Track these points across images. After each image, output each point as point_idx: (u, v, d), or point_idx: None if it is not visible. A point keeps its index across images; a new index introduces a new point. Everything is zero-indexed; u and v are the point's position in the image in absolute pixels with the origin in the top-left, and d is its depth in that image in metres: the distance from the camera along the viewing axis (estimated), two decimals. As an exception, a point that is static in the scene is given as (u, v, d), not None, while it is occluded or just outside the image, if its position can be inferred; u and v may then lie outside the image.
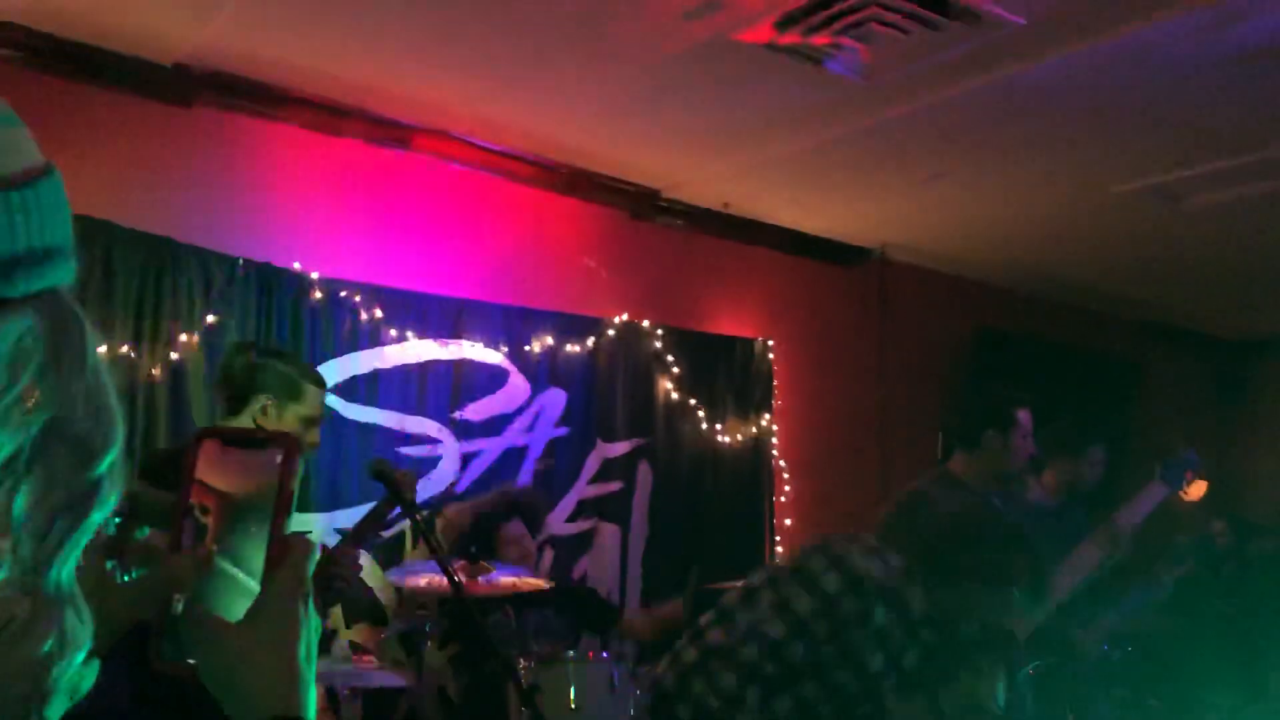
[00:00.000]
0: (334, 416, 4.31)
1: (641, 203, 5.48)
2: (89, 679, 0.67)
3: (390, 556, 4.41)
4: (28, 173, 0.54)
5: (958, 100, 4.30)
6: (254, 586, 0.74)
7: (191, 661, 0.72)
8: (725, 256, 5.84)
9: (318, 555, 0.75)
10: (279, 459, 0.75)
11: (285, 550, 0.74)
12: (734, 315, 5.82)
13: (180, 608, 0.73)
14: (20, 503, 0.52)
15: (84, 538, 0.55)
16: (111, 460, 0.56)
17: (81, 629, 0.56)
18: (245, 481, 0.75)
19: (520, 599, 3.94)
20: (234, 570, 0.74)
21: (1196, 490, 4.20)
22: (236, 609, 0.73)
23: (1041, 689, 3.38)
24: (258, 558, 0.74)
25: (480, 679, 3.92)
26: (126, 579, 0.75)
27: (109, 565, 0.74)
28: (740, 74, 4.13)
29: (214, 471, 0.76)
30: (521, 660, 3.29)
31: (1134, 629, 3.93)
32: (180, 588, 0.73)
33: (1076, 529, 3.61)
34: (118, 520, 0.76)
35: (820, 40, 3.82)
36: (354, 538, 2.87)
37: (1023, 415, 3.48)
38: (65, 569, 0.55)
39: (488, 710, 3.61)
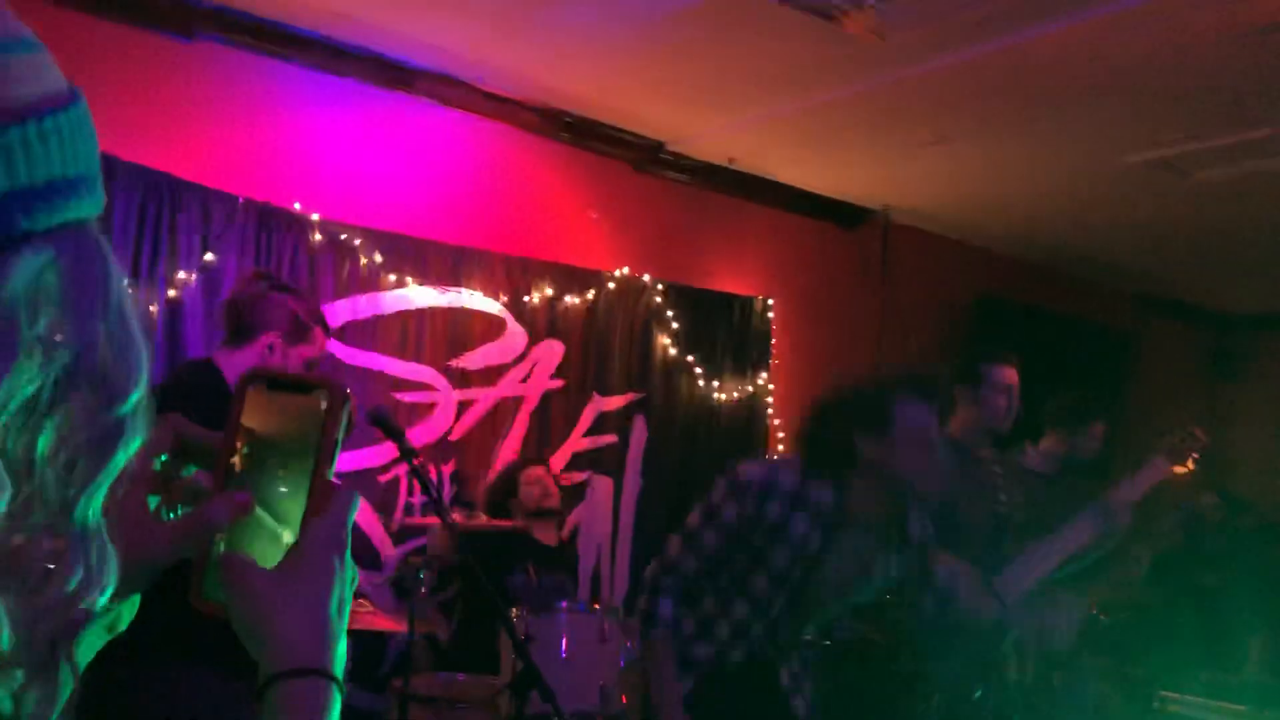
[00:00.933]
0: (331, 361, 4.29)
1: (645, 155, 5.43)
2: (128, 614, 0.66)
3: (387, 500, 4.44)
4: (49, 100, 0.52)
5: (972, 62, 4.24)
6: (277, 530, 0.73)
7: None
8: (728, 213, 5.80)
9: (358, 506, 0.74)
10: (323, 405, 0.73)
11: (327, 499, 0.73)
12: (735, 272, 5.80)
13: (222, 548, 0.72)
14: (44, 443, 0.51)
15: (109, 477, 0.54)
16: (137, 399, 0.55)
17: (108, 569, 0.55)
18: (281, 425, 0.74)
19: (539, 554, 4.03)
20: (260, 512, 0.73)
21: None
22: (259, 551, 0.72)
23: (1023, 655, 3.43)
24: (283, 502, 0.73)
25: (470, 626, 3.95)
26: (171, 516, 0.74)
27: (153, 502, 0.73)
28: (753, 27, 4.07)
29: (250, 412, 0.74)
30: (514, 610, 3.30)
31: (1120, 599, 3.96)
32: (220, 529, 0.72)
33: (1067, 496, 3.65)
34: (164, 458, 0.74)
35: (836, -4, 3.77)
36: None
37: (997, 371, 3.55)
38: (91, 508, 0.54)
39: (477, 657, 3.64)
